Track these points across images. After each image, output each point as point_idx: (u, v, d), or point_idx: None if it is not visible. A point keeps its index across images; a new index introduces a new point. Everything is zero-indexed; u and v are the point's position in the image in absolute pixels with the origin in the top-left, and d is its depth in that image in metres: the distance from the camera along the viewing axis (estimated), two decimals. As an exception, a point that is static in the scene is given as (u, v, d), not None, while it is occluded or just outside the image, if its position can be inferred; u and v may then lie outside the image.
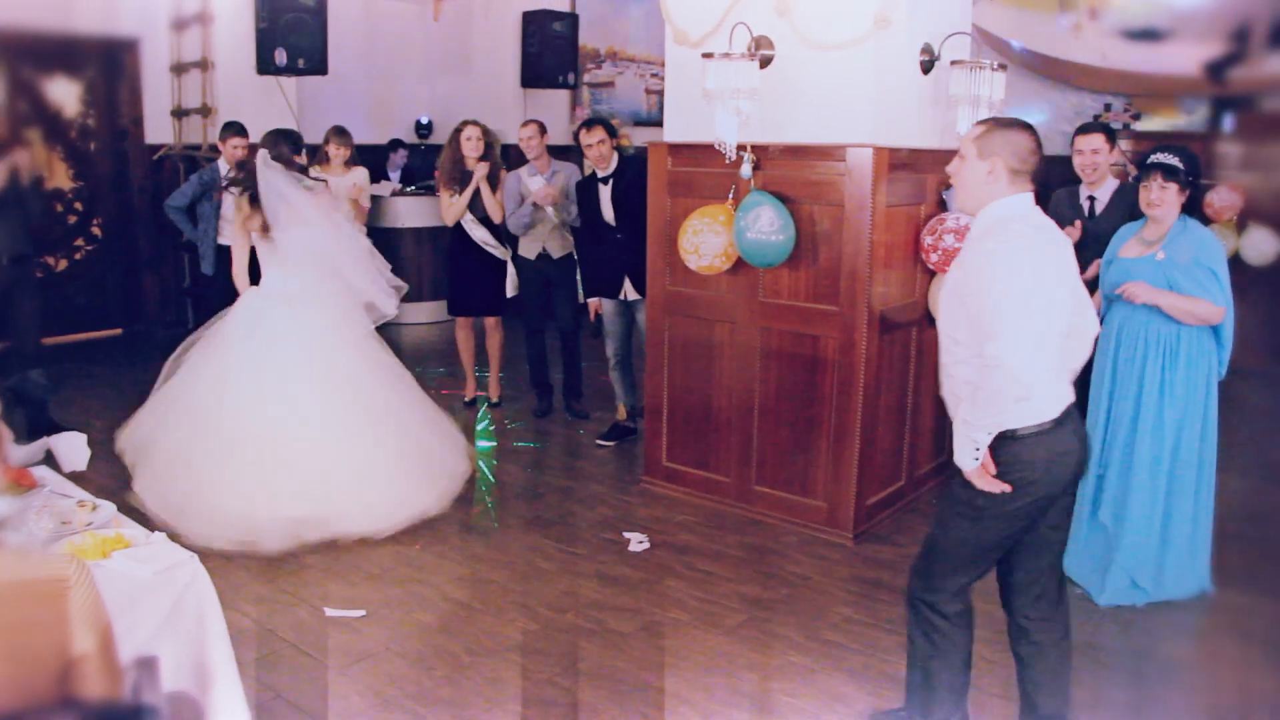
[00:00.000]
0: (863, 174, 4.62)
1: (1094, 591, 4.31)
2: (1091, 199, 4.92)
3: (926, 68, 4.87)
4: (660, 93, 11.06)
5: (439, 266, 8.57)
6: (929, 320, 5.12)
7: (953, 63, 4.72)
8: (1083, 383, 4.74)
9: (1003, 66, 4.62)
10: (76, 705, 1.85)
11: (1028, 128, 2.98)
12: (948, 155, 4.96)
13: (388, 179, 10.08)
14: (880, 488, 5.08)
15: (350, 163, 7.25)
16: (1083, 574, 4.40)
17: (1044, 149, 3.02)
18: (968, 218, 4.81)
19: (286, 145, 5.01)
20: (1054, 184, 5.37)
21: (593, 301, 6.36)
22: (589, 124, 6.11)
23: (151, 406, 5.10)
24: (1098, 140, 4.85)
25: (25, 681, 1.77)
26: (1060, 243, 3.00)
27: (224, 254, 6.90)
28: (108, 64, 8.84)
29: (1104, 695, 3.69)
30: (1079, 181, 5.00)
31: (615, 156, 6.09)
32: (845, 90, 4.68)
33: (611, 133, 6.10)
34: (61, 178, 8.81)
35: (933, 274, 5.02)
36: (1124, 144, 5.04)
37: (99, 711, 1.84)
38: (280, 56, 8.53)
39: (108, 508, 2.91)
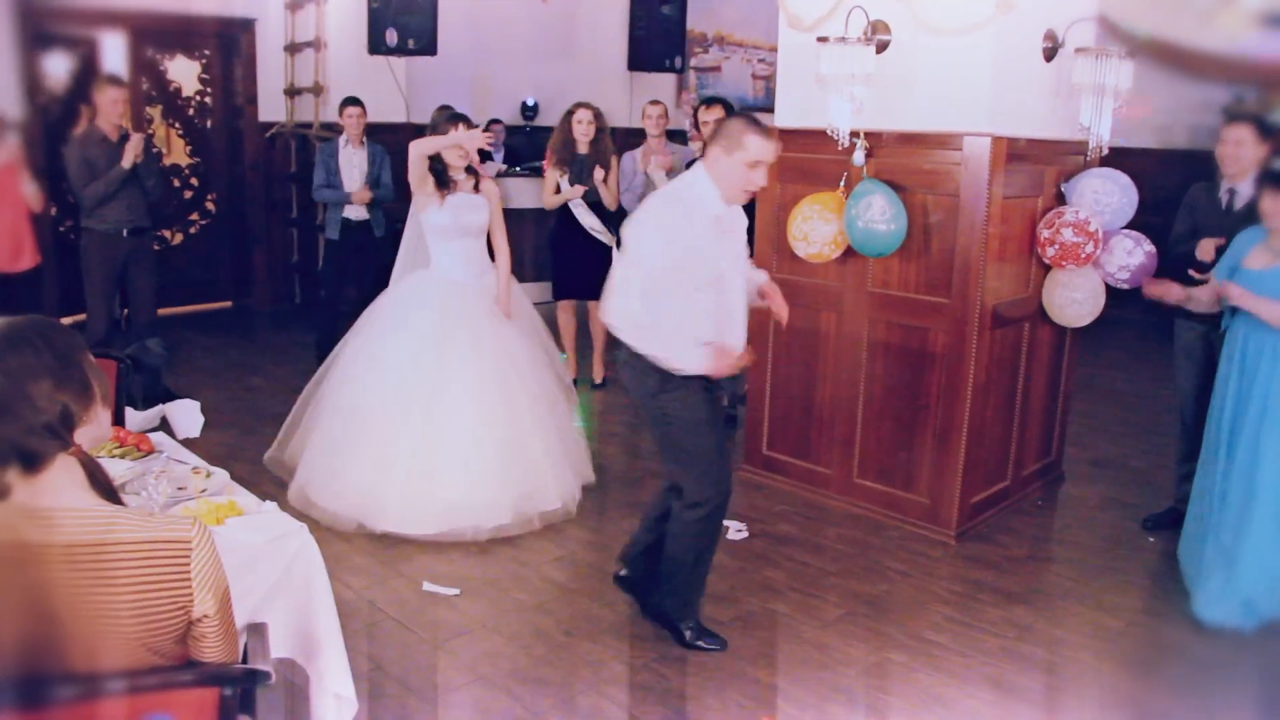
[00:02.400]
0: (979, 164, 4.49)
1: (1201, 605, 4.11)
2: (1232, 192, 4.66)
3: (1049, 55, 4.71)
4: (767, 78, 10.95)
5: (541, 248, 8.60)
6: (1043, 316, 4.97)
7: (1077, 50, 4.56)
8: (1201, 396, 4.56)
9: (1131, 54, 4.44)
10: (195, 666, 1.88)
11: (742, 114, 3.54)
12: (1069, 146, 4.87)
13: (491, 159, 10.15)
14: (985, 486, 4.96)
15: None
16: (1195, 589, 4.22)
17: (1163, 143, 2.94)
18: (1087, 212, 4.68)
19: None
20: (1184, 178, 5.16)
21: None
22: (709, 101, 6.10)
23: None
24: (1243, 132, 4.55)
25: (151, 640, 1.81)
26: None
27: (349, 227, 7.03)
28: (225, 44, 9.06)
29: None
30: (1215, 176, 4.74)
31: None
32: (963, 77, 4.54)
33: (730, 112, 6.04)
34: (179, 153, 9.06)
35: (1048, 268, 4.86)
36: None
37: (216, 674, 1.87)
38: (391, 37, 8.64)
39: (221, 475, 2.96)
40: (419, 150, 4.73)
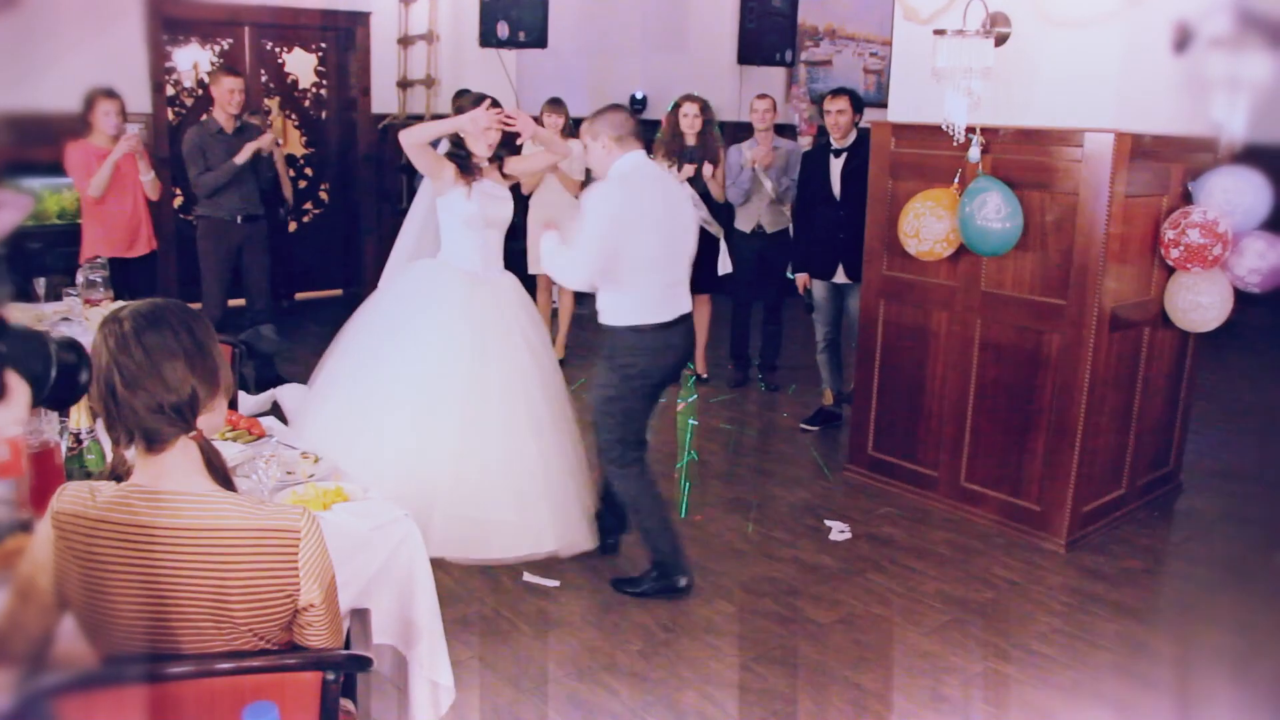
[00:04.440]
0: (1101, 161, 4.33)
1: None
2: None
3: (1180, 46, 4.52)
4: (878, 73, 10.78)
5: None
6: (1164, 320, 4.78)
7: (1212, 42, 4.37)
8: None
9: (1273, 45, 4.23)
10: (301, 651, 1.90)
11: (618, 106, 4.03)
12: (1198, 143, 4.68)
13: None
14: (1098, 494, 4.79)
15: (566, 134, 7.31)
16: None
17: None
18: (1215, 212, 4.49)
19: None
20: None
21: (801, 276, 6.26)
22: (836, 92, 6.02)
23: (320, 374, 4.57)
24: None
25: (258, 626, 1.83)
26: (667, 188, 4.04)
27: None
28: (340, 36, 9.23)
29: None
30: None
31: (854, 131, 5.94)
32: (1087, 70, 4.39)
33: (857, 105, 5.95)
34: (294, 144, 9.26)
35: (1171, 270, 4.68)
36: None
37: (319, 658, 1.88)
38: (502, 29, 8.70)
39: (329, 461, 3.00)
40: (413, 139, 4.27)
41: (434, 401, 4.16)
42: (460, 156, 4.39)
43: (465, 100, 4.49)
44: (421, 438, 4.10)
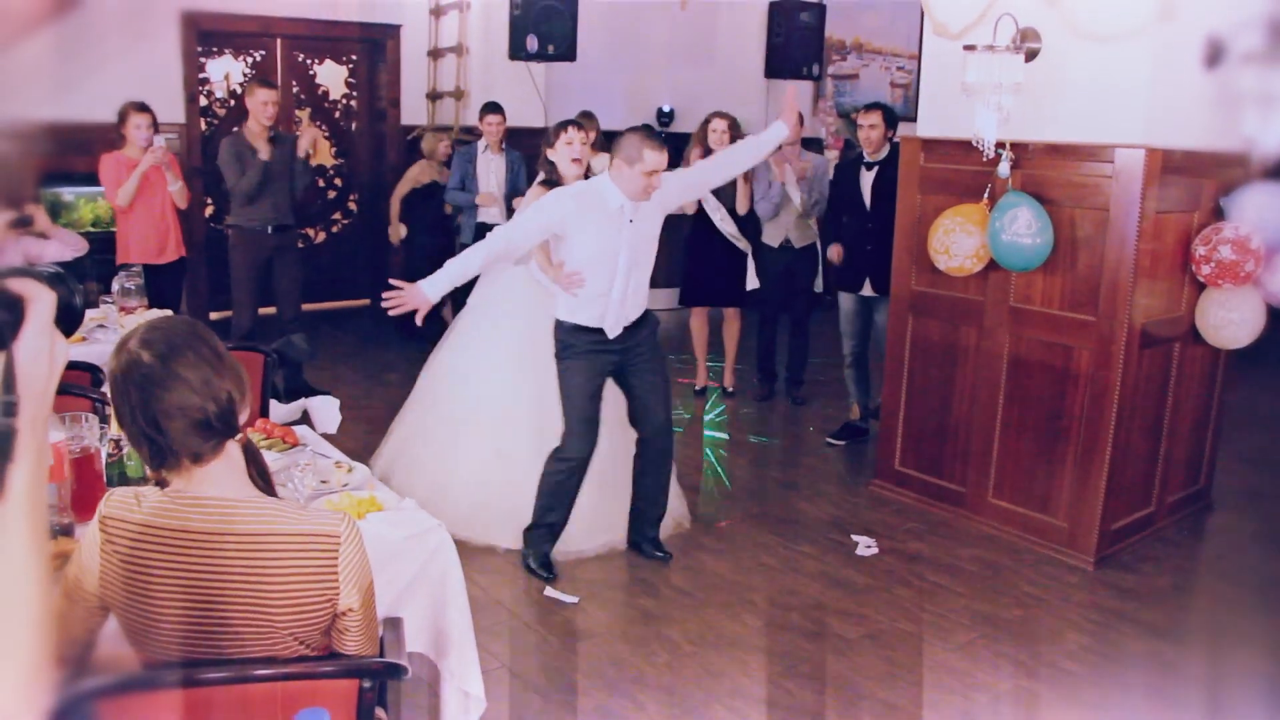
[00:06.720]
0: (1131, 177, 4.32)
1: None
2: None
3: (1212, 61, 4.50)
4: (905, 86, 10.76)
5: (673, 254, 8.59)
6: (1195, 336, 4.76)
7: (1244, 56, 4.36)
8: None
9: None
10: (339, 658, 1.92)
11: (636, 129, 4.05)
12: (1230, 158, 4.65)
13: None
14: (1127, 512, 4.76)
15: (596, 148, 7.33)
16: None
17: None
18: (1248, 228, 4.47)
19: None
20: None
21: (835, 247, 6.24)
22: (869, 106, 6.04)
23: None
24: None
25: (299, 631, 1.85)
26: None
27: (483, 231, 7.09)
28: (371, 49, 9.30)
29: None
30: None
31: (887, 146, 5.95)
32: (1117, 86, 4.38)
33: (890, 120, 5.95)
34: (324, 155, 9.33)
35: (1203, 287, 4.65)
36: None
37: (356, 666, 1.90)
38: (531, 43, 8.75)
39: (363, 470, 3.02)
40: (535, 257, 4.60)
41: (470, 410, 4.77)
42: (553, 182, 4.68)
43: (554, 126, 4.84)
44: (467, 444, 4.73)
